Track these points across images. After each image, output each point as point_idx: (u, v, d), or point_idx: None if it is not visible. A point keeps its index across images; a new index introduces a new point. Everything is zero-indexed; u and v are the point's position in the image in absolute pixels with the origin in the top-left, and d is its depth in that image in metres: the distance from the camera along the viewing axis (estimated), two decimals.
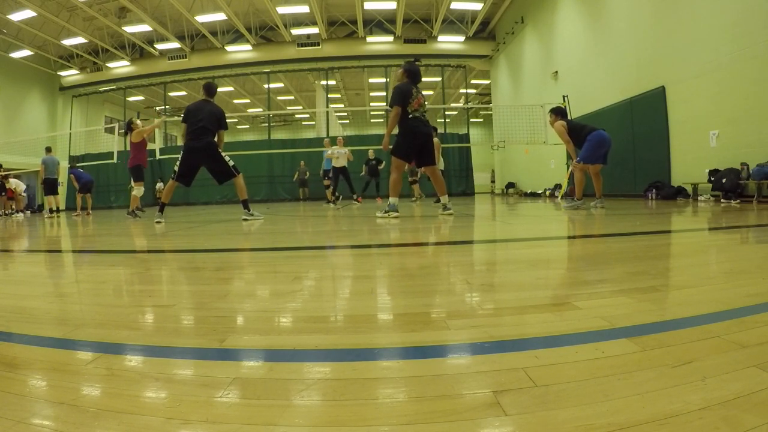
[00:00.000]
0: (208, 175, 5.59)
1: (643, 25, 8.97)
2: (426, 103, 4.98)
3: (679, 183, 8.06)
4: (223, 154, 5.42)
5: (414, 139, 4.86)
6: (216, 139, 5.39)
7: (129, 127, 7.76)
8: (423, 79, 22.39)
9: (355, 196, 10.49)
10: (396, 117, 4.81)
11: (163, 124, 7.95)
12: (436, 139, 10.03)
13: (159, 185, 15.95)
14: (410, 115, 4.81)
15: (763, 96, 6.38)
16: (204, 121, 5.31)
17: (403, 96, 4.81)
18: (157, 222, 5.40)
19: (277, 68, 19.06)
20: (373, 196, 12.30)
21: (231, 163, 5.42)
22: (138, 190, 7.68)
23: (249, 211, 5.51)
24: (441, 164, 10.38)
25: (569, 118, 6.62)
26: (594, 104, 10.84)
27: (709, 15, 7.27)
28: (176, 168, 5.40)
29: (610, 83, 10.21)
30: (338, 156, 9.96)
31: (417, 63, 5.12)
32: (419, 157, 5.02)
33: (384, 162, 12.15)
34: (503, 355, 0.85)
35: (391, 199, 5.01)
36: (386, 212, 4.94)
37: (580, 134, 6.29)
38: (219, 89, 6.08)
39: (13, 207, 13.15)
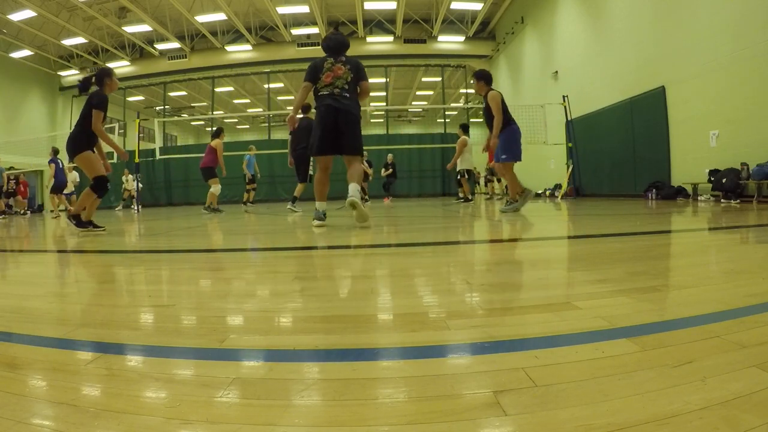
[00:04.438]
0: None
1: (643, 25, 8.97)
2: (346, 73, 3.91)
3: (679, 183, 8.07)
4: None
5: (321, 118, 3.89)
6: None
7: (218, 134, 8.65)
8: (423, 79, 22.05)
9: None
10: (302, 91, 4.01)
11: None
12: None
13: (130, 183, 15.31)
14: (319, 92, 3.93)
15: (763, 96, 6.38)
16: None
17: (311, 71, 3.95)
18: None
19: (277, 68, 19.08)
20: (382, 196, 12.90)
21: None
22: (215, 188, 8.37)
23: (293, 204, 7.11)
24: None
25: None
26: (594, 104, 10.84)
27: (708, 15, 7.28)
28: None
29: (610, 83, 10.21)
30: None
31: (337, 31, 4.21)
32: (335, 139, 3.90)
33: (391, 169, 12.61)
34: (503, 355, 0.85)
35: (317, 204, 4.15)
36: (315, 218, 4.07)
37: (507, 118, 5.49)
38: (218, 89, 6.13)
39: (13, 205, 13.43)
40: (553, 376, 0.74)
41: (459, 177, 9.77)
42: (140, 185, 14.29)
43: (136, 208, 11.71)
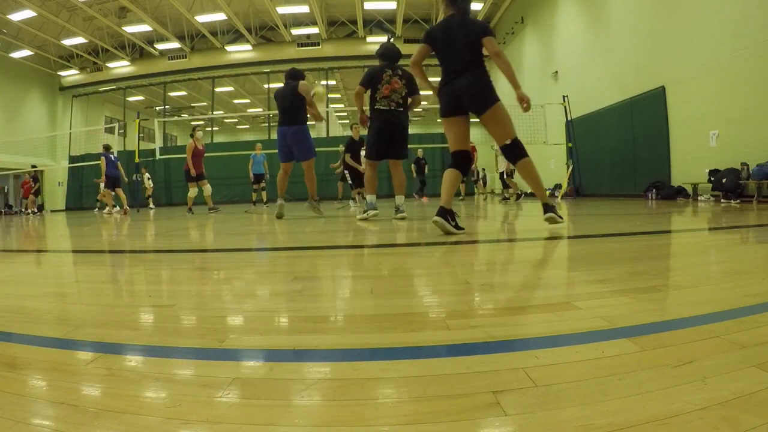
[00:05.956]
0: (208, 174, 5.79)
1: (643, 25, 8.97)
2: (401, 88, 4.46)
3: (679, 183, 8.07)
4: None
5: (379, 130, 4.43)
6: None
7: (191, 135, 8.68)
8: None
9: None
10: (358, 98, 4.45)
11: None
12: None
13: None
14: (377, 104, 4.39)
15: (763, 96, 6.38)
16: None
17: (368, 77, 4.39)
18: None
19: (277, 68, 19.05)
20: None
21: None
22: (192, 191, 8.52)
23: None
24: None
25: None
26: (594, 104, 10.85)
27: (708, 15, 7.28)
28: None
29: (610, 83, 10.21)
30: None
31: (390, 42, 4.70)
32: (390, 148, 4.49)
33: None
34: (503, 355, 0.85)
35: (368, 197, 4.60)
36: (365, 212, 4.53)
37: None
38: (218, 89, 6.21)
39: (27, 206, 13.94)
40: (553, 376, 0.74)
41: (505, 177, 9.65)
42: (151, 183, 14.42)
43: (138, 208, 11.64)
